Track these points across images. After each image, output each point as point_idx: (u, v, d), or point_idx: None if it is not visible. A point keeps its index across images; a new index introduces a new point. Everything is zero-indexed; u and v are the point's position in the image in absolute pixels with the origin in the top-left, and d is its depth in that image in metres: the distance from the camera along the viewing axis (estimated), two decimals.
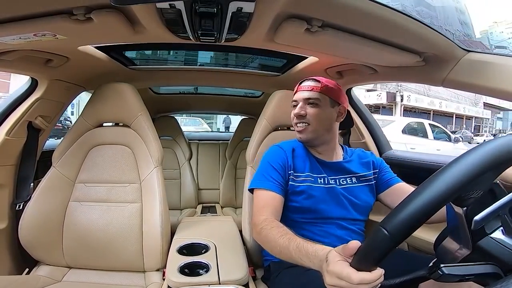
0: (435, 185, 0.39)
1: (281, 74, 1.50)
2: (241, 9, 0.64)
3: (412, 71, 0.95)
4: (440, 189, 0.39)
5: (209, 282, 0.80)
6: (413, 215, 0.39)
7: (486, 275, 0.41)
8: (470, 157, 0.39)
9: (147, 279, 1.02)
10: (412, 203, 0.40)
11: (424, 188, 0.40)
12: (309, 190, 0.91)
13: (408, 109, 16.82)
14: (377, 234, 0.42)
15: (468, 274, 0.42)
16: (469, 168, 0.39)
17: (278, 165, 0.93)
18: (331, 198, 0.92)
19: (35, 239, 1.01)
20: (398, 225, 0.40)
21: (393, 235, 0.40)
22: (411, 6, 2.06)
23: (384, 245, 0.41)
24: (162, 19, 0.71)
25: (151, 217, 1.04)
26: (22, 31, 0.69)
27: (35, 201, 1.03)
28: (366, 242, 0.46)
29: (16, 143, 1.12)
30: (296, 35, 0.76)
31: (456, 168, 0.39)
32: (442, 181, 0.39)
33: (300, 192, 0.92)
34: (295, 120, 0.97)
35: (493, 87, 0.74)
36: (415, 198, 0.40)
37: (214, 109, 2.71)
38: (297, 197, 0.92)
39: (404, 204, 0.41)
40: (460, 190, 0.39)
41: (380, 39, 0.77)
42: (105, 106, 1.11)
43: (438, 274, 0.42)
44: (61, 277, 1.02)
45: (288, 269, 0.87)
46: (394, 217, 0.41)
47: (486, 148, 0.40)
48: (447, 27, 2.89)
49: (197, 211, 2.09)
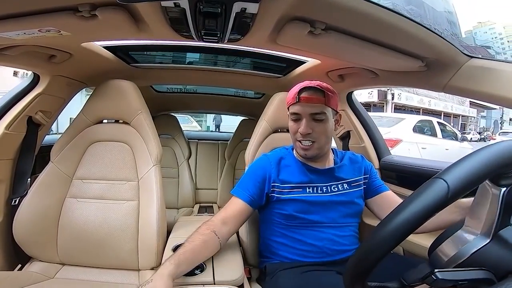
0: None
1: (283, 76, 1.50)
2: (245, 10, 0.65)
3: (413, 76, 0.95)
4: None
5: (204, 282, 0.79)
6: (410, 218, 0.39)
7: (480, 281, 0.41)
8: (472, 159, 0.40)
9: (141, 277, 1.01)
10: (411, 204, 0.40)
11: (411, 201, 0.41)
12: (296, 199, 0.91)
13: (398, 107, 17.00)
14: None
15: (462, 279, 0.41)
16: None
17: (257, 177, 0.94)
18: (321, 206, 0.92)
19: (30, 235, 1.01)
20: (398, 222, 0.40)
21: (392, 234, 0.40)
22: (402, 5, 2.09)
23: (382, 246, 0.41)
24: (166, 17, 0.71)
25: (147, 215, 1.04)
26: (27, 26, 0.69)
27: (31, 196, 1.02)
28: (356, 254, 0.46)
29: (15, 138, 1.11)
30: (299, 37, 0.76)
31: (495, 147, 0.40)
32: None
33: (286, 201, 0.92)
34: (299, 137, 0.92)
35: (495, 94, 0.74)
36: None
37: (215, 109, 2.71)
38: (284, 206, 0.92)
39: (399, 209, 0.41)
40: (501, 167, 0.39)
41: (383, 43, 0.77)
42: (106, 102, 1.10)
43: (432, 279, 0.41)
44: (54, 273, 1.01)
45: (284, 271, 0.87)
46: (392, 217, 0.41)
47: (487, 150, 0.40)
48: (435, 26, 2.90)
49: (194, 211, 2.08)
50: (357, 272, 0.44)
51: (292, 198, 0.91)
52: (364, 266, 0.43)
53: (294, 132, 0.94)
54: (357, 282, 0.45)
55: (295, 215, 0.91)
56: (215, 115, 8.23)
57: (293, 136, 0.96)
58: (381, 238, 0.41)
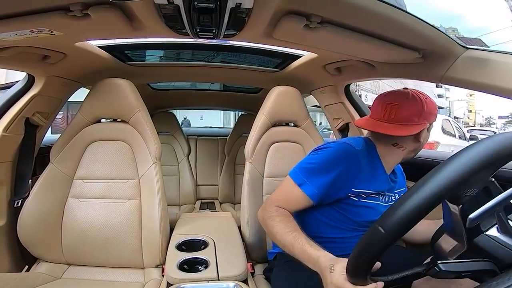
0: (429, 185, 0.39)
1: (280, 70, 1.49)
2: (240, 5, 0.64)
3: (410, 68, 0.95)
4: (433, 189, 0.39)
5: (208, 278, 0.80)
6: (408, 214, 0.39)
7: (483, 272, 0.42)
8: (465, 156, 0.39)
9: (147, 275, 1.03)
10: (406, 203, 0.40)
11: (418, 188, 0.40)
12: (367, 206, 0.84)
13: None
14: (373, 235, 0.43)
15: (465, 271, 0.42)
16: (464, 167, 0.38)
17: (334, 173, 0.80)
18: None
19: (34, 236, 1.01)
20: (394, 224, 0.40)
21: (388, 233, 0.40)
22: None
23: (378, 244, 0.42)
24: (160, 14, 0.70)
25: (149, 213, 1.05)
26: (18, 27, 0.68)
27: (34, 198, 1.03)
28: (356, 248, 0.46)
29: (14, 140, 1.11)
30: (295, 31, 0.76)
31: (451, 167, 0.39)
32: (435, 181, 0.39)
33: (356, 206, 0.84)
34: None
35: (492, 84, 0.74)
36: (408, 198, 0.40)
37: (213, 105, 2.71)
38: (350, 208, 0.84)
39: (399, 203, 0.41)
40: (455, 189, 0.39)
41: (379, 36, 0.77)
42: (103, 102, 1.10)
43: (435, 271, 0.42)
44: (60, 274, 1.02)
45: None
46: (388, 217, 0.41)
47: (481, 146, 0.39)
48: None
49: (195, 207, 2.10)
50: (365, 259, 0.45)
51: (363, 205, 0.84)
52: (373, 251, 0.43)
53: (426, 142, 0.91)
54: (361, 273, 0.45)
55: (353, 219, 0.84)
56: (183, 119, 7.85)
57: (423, 145, 0.90)
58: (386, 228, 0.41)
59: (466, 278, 0.44)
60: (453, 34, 0.78)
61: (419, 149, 0.91)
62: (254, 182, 1.19)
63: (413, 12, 0.65)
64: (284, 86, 1.23)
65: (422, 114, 0.82)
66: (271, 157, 1.23)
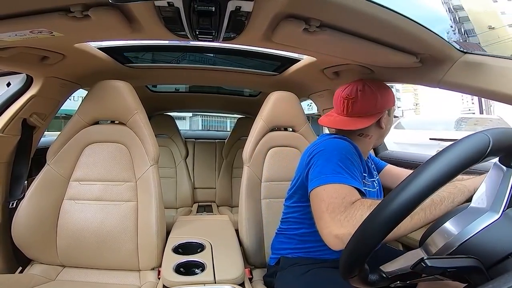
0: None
1: (278, 74, 1.50)
2: (239, 8, 0.64)
3: (408, 72, 0.96)
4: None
5: (204, 281, 0.80)
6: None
7: (467, 268, 0.42)
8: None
9: (142, 278, 1.02)
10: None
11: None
12: (365, 194, 0.78)
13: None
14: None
15: (450, 266, 0.42)
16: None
17: (355, 162, 0.77)
18: None
19: (29, 237, 1.00)
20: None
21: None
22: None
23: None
24: (160, 17, 0.70)
25: (146, 215, 1.04)
26: (18, 28, 0.68)
27: (29, 199, 1.01)
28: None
29: (10, 140, 1.10)
30: (294, 34, 0.76)
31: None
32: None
33: (362, 194, 0.81)
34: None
35: (489, 89, 0.75)
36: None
37: (211, 108, 2.71)
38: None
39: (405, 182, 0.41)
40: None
41: (377, 40, 0.78)
42: (101, 103, 1.09)
43: (422, 267, 0.42)
44: (55, 276, 1.01)
45: (315, 264, 0.85)
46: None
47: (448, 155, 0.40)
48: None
49: (192, 210, 2.09)
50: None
51: (367, 192, 0.80)
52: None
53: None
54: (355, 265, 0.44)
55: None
56: None
57: (387, 129, 0.94)
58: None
59: (452, 274, 0.44)
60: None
61: (385, 134, 0.96)
62: (252, 187, 1.18)
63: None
64: (282, 92, 1.24)
65: (377, 103, 0.87)
66: (269, 161, 1.23)
